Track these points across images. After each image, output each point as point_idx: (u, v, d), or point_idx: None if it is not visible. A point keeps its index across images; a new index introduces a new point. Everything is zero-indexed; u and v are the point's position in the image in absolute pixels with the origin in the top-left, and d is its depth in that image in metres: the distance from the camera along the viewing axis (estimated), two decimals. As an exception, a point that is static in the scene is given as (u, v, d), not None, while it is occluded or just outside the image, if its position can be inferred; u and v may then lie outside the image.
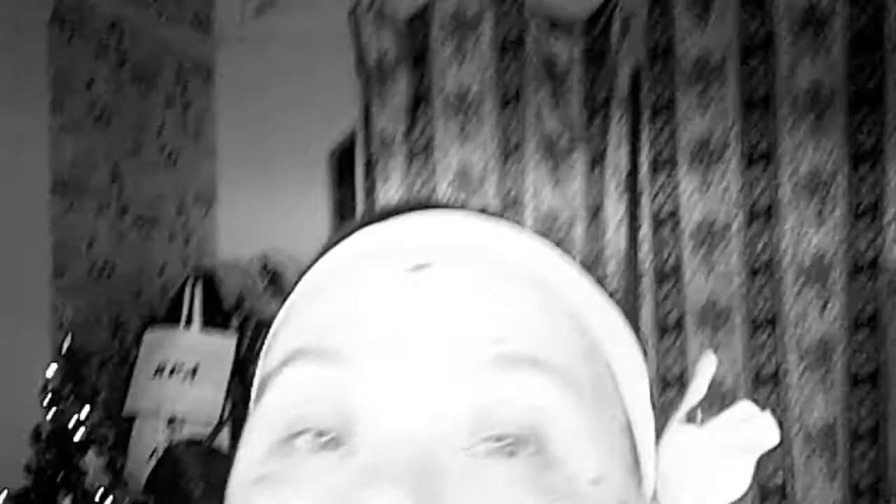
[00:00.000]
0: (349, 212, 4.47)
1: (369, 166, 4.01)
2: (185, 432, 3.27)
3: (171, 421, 3.31)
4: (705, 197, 3.71)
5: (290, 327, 0.43)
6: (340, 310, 0.42)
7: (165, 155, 4.25)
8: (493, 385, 0.39)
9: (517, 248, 0.44)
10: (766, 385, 3.64)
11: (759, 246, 3.67)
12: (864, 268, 3.58)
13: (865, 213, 3.60)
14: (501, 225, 0.46)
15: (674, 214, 3.73)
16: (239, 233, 4.39)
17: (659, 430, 0.44)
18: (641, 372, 0.46)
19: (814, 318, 3.60)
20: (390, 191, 3.96)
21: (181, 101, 4.38)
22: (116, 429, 3.10)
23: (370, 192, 4.00)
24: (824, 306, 3.61)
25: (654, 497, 0.42)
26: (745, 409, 0.44)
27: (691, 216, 3.71)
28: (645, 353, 0.48)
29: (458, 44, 3.95)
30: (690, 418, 0.44)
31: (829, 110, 3.64)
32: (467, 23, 3.95)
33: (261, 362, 0.46)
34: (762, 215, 3.68)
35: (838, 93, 3.63)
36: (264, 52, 4.45)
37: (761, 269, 3.66)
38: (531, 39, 3.89)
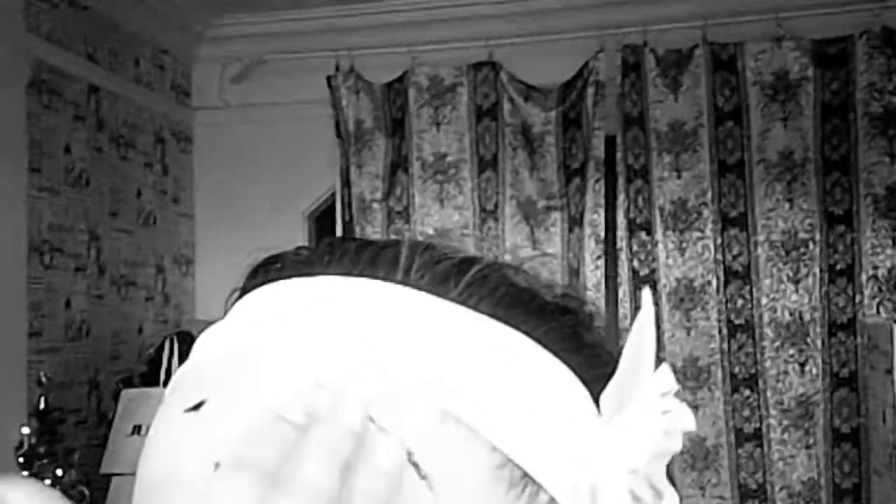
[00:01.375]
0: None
1: (348, 228, 4.02)
2: (164, 491, 3.21)
3: (149, 480, 3.25)
4: (682, 258, 3.76)
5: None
6: (139, 470, 0.42)
7: (144, 217, 4.25)
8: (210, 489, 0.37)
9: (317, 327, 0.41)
10: (749, 442, 3.65)
11: (738, 305, 3.71)
12: (841, 327, 3.63)
13: (841, 273, 3.66)
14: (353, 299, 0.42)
15: (652, 275, 3.78)
16: (217, 294, 4.35)
17: None
18: (539, 385, 0.41)
19: (794, 376, 3.64)
20: (369, 253, 3.97)
21: (160, 164, 4.39)
22: (93, 488, 3.03)
23: (349, 254, 4.01)
24: (804, 364, 3.64)
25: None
26: (661, 394, 0.39)
27: (669, 276, 3.75)
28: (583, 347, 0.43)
29: (435, 110, 4.01)
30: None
31: (801, 174, 3.72)
32: (444, 89, 4.02)
33: None
34: (739, 276, 3.73)
35: (810, 158, 3.72)
36: (243, 117, 4.50)
37: (740, 329, 3.70)
38: (507, 105, 3.96)
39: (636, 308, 3.78)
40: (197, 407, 0.40)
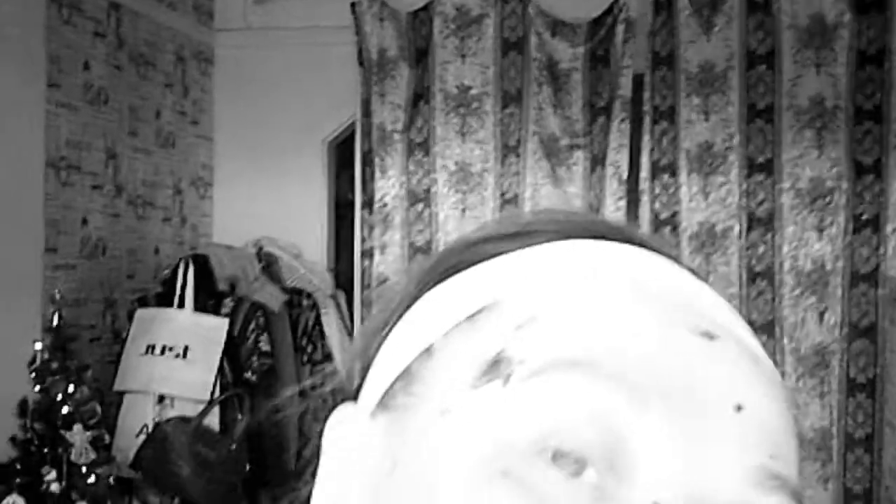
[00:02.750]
0: (345, 201, 4.46)
1: (367, 158, 3.98)
2: (175, 411, 3.23)
3: (160, 399, 3.27)
4: (706, 202, 3.71)
5: (554, 330, 0.40)
6: (626, 340, 0.39)
7: (163, 138, 4.22)
8: (751, 499, 0.38)
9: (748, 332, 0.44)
10: (763, 389, 3.63)
11: (759, 252, 3.67)
12: (863, 277, 3.59)
13: (866, 224, 3.61)
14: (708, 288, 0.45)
15: (673, 218, 3.73)
16: (234, 217, 4.35)
17: None
18: None
19: (812, 325, 3.61)
20: (388, 183, 3.93)
21: (180, 85, 4.35)
22: (106, 405, 3.05)
23: (367, 183, 3.98)
24: (823, 314, 3.61)
25: None
26: None
27: (691, 220, 3.70)
28: None
29: (460, 41, 3.94)
30: None
31: (831, 122, 3.65)
32: (470, 20, 3.94)
33: (494, 340, 0.41)
34: (762, 222, 3.68)
35: (841, 106, 3.65)
36: (265, 40, 4.43)
37: (760, 276, 3.67)
38: (534, 39, 3.89)
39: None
40: (712, 337, 0.40)
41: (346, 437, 0.44)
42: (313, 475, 0.44)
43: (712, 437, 0.38)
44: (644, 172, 3.75)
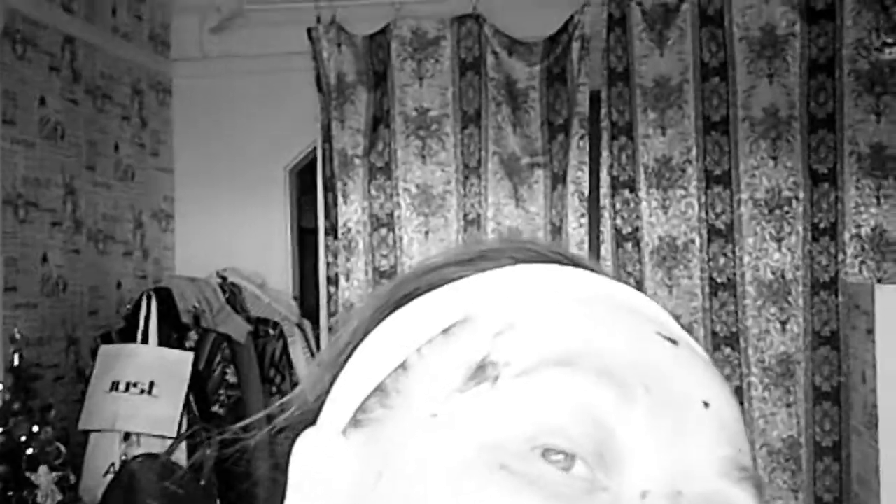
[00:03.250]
0: (308, 228, 4.45)
1: (330, 184, 3.98)
2: (142, 447, 3.20)
3: (126, 437, 3.24)
4: (665, 216, 3.73)
5: (535, 334, 0.42)
6: (603, 342, 0.41)
7: (122, 171, 4.19)
8: (722, 488, 0.40)
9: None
10: (729, 400, 3.65)
11: (720, 264, 3.70)
12: (823, 285, 3.63)
13: (824, 232, 3.65)
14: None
15: (635, 233, 3.75)
16: (197, 249, 4.33)
17: None
18: None
19: (775, 335, 3.63)
20: (351, 208, 3.93)
21: (138, 117, 4.33)
22: (71, 445, 3.02)
23: (330, 209, 3.97)
24: (785, 323, 3.64)
25: None
26: None
27: (652, 235, 3.72)
28: None
29: (418, 63, 3.95)
30: None
31: (786, 132, 3.69)
32: (427, 42, 3.95)
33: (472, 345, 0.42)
34: (722, 234, 3.71)
35: (795, 115, 3.69)
36: (223, 69, 4.43)
37: (722, 287, 3.69)
38: (491, 59, 3.90)
39: (619, 266, 3.76)
40: (674, 342, 0.42)
41: (316, 460, 0.44)
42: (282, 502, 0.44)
43: (689, 430, 0.39)
44: (604, 188, 3.77)
